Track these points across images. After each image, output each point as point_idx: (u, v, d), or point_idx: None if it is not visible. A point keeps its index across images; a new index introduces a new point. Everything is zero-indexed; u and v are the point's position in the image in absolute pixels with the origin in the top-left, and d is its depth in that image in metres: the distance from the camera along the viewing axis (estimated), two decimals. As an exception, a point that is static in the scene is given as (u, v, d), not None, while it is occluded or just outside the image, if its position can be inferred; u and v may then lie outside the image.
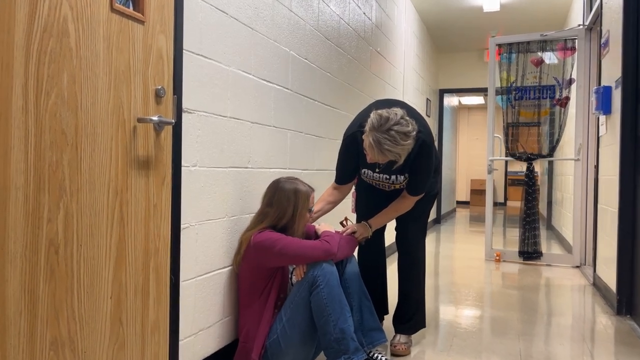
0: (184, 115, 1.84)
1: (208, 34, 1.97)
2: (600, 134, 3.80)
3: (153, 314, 1.70)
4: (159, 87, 1.68)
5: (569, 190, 5.86)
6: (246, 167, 2.29)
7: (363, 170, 2.42)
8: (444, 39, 7.51)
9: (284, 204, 2.12)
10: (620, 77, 3.17)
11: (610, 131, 3.44)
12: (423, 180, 2.35)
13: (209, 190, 2.01)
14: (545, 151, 4.93)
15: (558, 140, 4.86)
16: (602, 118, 3.66)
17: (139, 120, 1.59)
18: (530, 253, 4.87)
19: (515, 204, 13.67)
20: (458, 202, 13.55)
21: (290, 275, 2.18)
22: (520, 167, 14.22)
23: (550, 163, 8.03)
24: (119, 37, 1.51)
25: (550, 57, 4.87)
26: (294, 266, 2.15)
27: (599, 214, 3.82)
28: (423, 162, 2.28)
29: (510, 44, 4.94)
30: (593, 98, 3.72)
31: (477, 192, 13.96)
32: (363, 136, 2.14)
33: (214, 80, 2.02)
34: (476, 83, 8.08)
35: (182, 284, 1.86)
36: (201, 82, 1.94)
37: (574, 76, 4.77)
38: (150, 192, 1.67)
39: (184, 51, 1.82)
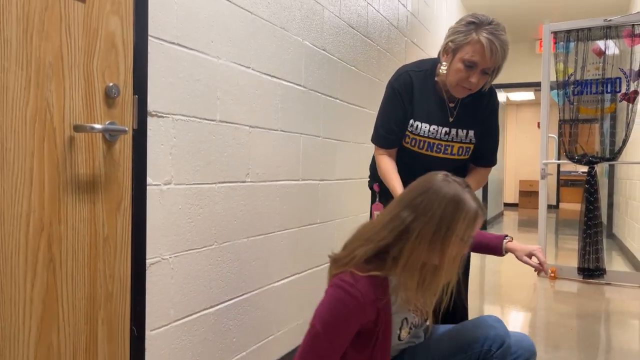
0: (151, 120, 1.45)
1: (188, 18, 1.57)
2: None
3: (104, 379, 1.31)
4: (111, 84, 1.29)
5: (635, 197, 5.16)
6: (243, 182, 1.88)
7: (416, 125, 1.79)
8: (490, 30, 6.89)
9: (434, 212, 1.19)
10: None
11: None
12: (497, 142, 1.92)
13: (190, 213, 1.62)
14: (609, 153, 4.30)
15: (625, 141, 4.21)
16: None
17: (77, 128, 1.20)
18: (591, 270, 4.25)
19: (569, 207, 12.75)
20: (506, 204, 12.74)
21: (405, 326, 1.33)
22: (574, 166, 13.26)
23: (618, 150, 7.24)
24: (43, 18, 1.12)
25: (615, 46, 4.23)
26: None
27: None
28: (496, 118, 1.88)
29: (567, 31, 4.33)
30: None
31: (527, 194, 13.11)
32: (466, 39, 1.62)
33: (196, 75, 1.62)
34: (526, 77, 7.39)
35: (150, 334, 1.47)
36: (177, 77, 1.54)
37: (644, 67, 4.12)
38: (99, 222, 1.28)
39: (149, 38, 1.42)
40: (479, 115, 1.80)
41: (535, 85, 7.32)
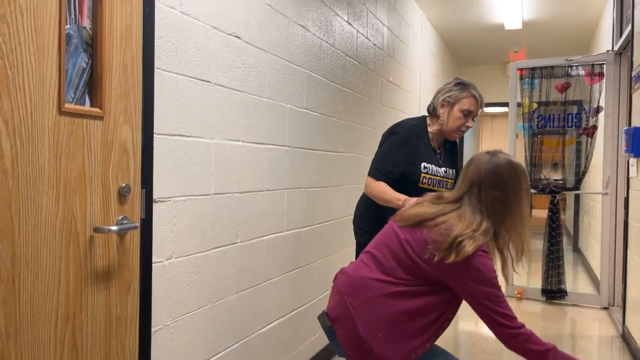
0: (155, 206, 1.65)
1: (186, 110, 1.78)
2: (630, 176, 3.50)
3: None
4: (123, 185, 1.49)
5: (597, 219, 5.51)
6: (234, 243, 2.09)
7: (429, 167, 2.24)
8: (464, 54, 7.20)
9: (511, 187, 1.50)
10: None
11: (642, 177, 3.15)
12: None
13: (188, 280, 1.82)
14: (571, 183, 4.62)
15: (585, 172, 4.54)
16: (633, 160, 3.35)
17: (96, 230, 1.40)
18: (554, 292, 4.56)
19: (540, 213, 13.17)
20: (480, 212, 13.13)
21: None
22: (546, 172, 13.71)
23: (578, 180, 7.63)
24: (69, 142, 1.32)
25: (576, 83, 4.55)
26: None
27: (628, 262, 3.51)
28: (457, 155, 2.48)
29: (532, 69, 4.63)
30: (623, 138, 3.42)
31: (500, 202, 13.50)
32: (461, 94, 2.21)
33: (194, 158, 1.83)
34: (499, 97, 7.73)
35: (154, 393, 1.67)
36: (177, 164, 1.75)
37: (601, 104, 4.44)
38: (113, 305, 1.48)
39: (155, 136, 1.63)
40: (453, 155, 2.42)
41: (506, 105, 7.66)
